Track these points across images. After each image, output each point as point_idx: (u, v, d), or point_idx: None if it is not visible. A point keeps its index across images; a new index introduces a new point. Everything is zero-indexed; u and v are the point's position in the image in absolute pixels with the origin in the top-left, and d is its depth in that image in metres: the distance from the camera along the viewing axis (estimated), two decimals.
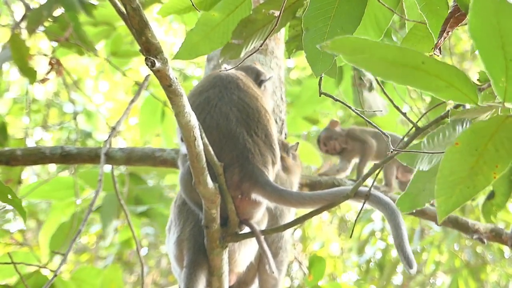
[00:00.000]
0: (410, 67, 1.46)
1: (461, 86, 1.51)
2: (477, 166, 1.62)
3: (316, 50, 2.08)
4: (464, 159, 1.62)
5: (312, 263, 3.91)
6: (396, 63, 1.45)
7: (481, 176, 1.63)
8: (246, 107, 2.55)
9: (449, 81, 1.50)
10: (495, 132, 1.60)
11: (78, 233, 2.97)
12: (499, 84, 1.50)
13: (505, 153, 1.61)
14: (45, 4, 4.52)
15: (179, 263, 2.55)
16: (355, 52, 1.43)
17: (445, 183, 1.64)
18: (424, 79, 1.49)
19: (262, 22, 2.48)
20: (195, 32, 2.58)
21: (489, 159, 1.62)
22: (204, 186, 2.31)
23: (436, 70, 1.47)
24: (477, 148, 1.61)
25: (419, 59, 1.44)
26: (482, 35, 1.43)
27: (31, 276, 3.64)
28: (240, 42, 2.53)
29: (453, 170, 1.63)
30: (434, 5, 1.99)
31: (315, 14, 2.08)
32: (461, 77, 1.49)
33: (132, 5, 1.72)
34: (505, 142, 1.61)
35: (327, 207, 2.37)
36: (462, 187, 1.64)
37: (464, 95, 1.53)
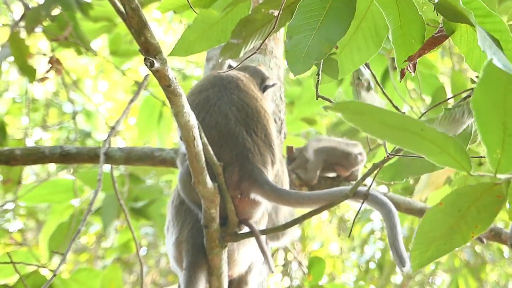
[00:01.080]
0: (408, 132, 1.49)
1: (455, 154, 1.55)
2: (457, 226, 1.66)
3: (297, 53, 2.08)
4: (446, 219, 1.66)
5: (311, 263, 3.92)
6: (395, 128, 1.49)
7: (459, 236, 1.67)
8: (246, 106, 2.56)
9: (444, 149, 1.53)
10: (480, 197, 1.63)
11: (78, 233, 2.97)
12: (493, 155, 1.54)
13: (487, 215, 1.65)
14: (44, 4, 4.52)
15: (178, 264, 2.55)
16: (356, 114, 1.47)
17: (423, 238, 1.68)
18: (420, 143, 1.52)
19: (261, 22, 2.48)
20: (192, 30, 2.57)
21: (470, 220, 1.65)
22: (204, 186, 2.31)
23: (433, 137, 1.51)
24: (460, 210, 1.64)
25: (418, 126, 1.48)
26: (485, 107, 1.46)
27: (30, 276, 3.64)
28: (239, 42, 2.52)
29: (433, 228, 1.67)
30: (409, 37, 1.99)
31: (300, 24, 2.07)
32: (456, 147, 1.53)
33: (131, 5, 1.72)
34: (488, 206, 1.64)
35: (326, 207, 2.37)
36: (438, 244, 1.68)
37: (457, 162, 1.57)
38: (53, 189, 4.64)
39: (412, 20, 1.96)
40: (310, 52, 2.06)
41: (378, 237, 8.07)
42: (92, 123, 7.30)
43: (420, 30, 1.98)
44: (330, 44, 2.06)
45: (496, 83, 1.41)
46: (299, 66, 2.08)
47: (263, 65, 3.47)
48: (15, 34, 4.48)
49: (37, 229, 8.40)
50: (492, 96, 1.43)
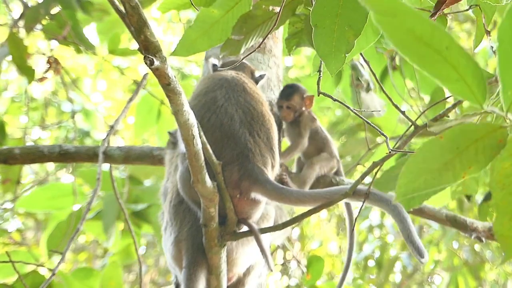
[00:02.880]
0: (432, 49, 1.41)
1: (472, 83, 1.47)
2: (451, 163, 1.62)
3: (327, 48, 2.09)
4: (442, 153, 1.61)
5: (310, 262, 3.92)
6: (421, 40, 1.39)
7: (451, 173, 1.63)
8: (252, 109, 2.59)
9: (463, 75, 1.45)
10: (482, 137, 1.60)
11: (76, 232, 2.97)
12: (507, 93, 1.48)
13: (483, 158, 1.61)
14: (43, 2, 4.52)
15: (177, 263, 2.55)
16: (388, 13, 1.37)
17: (413, 167, 1.63)
18: (440, 65, 1.44)
19: (262, 18, 2.48)
20: (194, 29, 2.58)
21: (466, 159, 1.61)
22: (203, 185, 2.30)
23: (455, 60, 1.42)
24: (458, 147, 1.60)
25: (445, 43, 1.39)
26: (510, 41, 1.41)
27: (29, 275, 3.64)
28: (240, 38, 2.53)
29: (427, 159, 1.62)
30: None
31: (322, 12, 2.08)
32: (476, 75, 1.45)
33: (131, 3, 1.72)
34: (487, 149, 1.61)
35: (325, 206, 2.37)
36: (427, 177, 1.63)
37: (472, 93, 1.50)
38: (53, 193, 4.61)
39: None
40: (338, 45, 2.07)
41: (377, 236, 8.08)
42: (91, 122, 7.30)
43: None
44: (355, 32, 2.07)
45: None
46: (333, 62, 2.09)
47: (262, 64, 3.46)
48: (13, 33, 4.47)
49: (36, 229, 8.40)
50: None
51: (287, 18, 2.48)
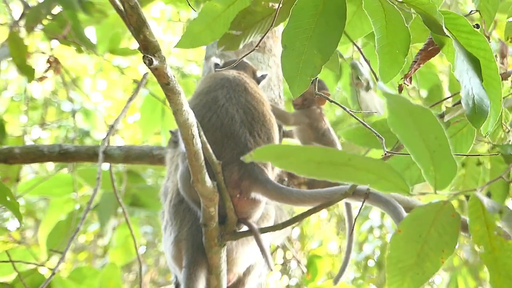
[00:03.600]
0: (339, 165, 1.48)
1: (391, 177, 1.55)
2: (423, 252, 1.66)
3: (293, 69, 2.08)
4: (410, 246, 1.66)
5: (310, 261, 3.92)
6: (324, 163, 1.47)
7: (429, 263, 1.67)
8: (253, 110, 2.59)
9: (379, 174, 1.53)
10: (435, 219, 1.64)
11: (76, 232, 2.97)
12: (428, 173, 1.55)
13: (449, 238, 1.65)
14: (44, 2, 4.52)
15: (177, 262, 2.55)
16: (281, 158, 1.46)
17: (394, 270, 1.68)
18: (355, 174, 1.52)
19: (261, 14, 2.48)
20: (197, 22, 2.59)
21: (434, 245, 1.66)
22: (203, 184, 2.30)
23: (364, 165, 1.51)
24: (420, 235, 1.65)
25: (345, 157, 1.48)
26: (403, 131, 1.48)
27: (29, 275, 3.64)
28: (238, 34, 2.53)
29: (400, 258, 1.67)
30: (394, 47, 1.99)
31: (293, 33, 2.07)
32: (389, 169, 1.54)
33: (130, 3, 1.72)
34: (447, 227, 1.65)
35: (325, 205, 2.37)
36: (412, 274, 1.68)
37: (395, 185, 1.57)
38: (53, 183, 4.63)
39: (398, 31, 1.97)
40: (304, 67, 2.07)
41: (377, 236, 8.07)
42: (90, 122, 7.30)
43: (405, 42, 1.99)
44: (323, 56, 2.06)
45: (399, 110, 1.43)
46: (297, 85, 2.08)
47: (262, 63, 3.46)
48: (13, 33, 4.47)
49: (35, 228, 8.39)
50: (403, 121, 1.45)
51: (287, 16, 2.47)
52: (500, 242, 1.69)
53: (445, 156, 1.51)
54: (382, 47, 2.00)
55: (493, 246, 1.69)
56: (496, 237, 1.68)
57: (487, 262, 1.71)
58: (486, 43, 1.98)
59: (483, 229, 1.68)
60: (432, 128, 1.45)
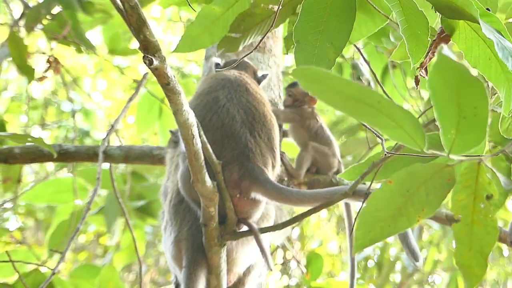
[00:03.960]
0: (366, 104, 1.47)
1: (410, 130, 1.53)
2: (404, 207, 1.65)
3: (307, 63, 2.09)
4: (394, 198, 1.64)
5: (310, 261, 3.91)
6: (352, 98, 1.46)
7: (405, 218, 1.65)
8: (254, 110, 2.60)
9: (400, 124, 1.51)
10: (430, 178, 1.62)
11: (76, 231, 2.97)
12: (447, 135, 1.52)
13: (435, 198, 1.64)
14: (43, 2, 4.52)
15: (177, 262, 2.55)
16: (314, 82, 1.44)
17: (368, 217, 1.67)
18: (376, 116, 1.50)
19: (260, 17, 2.48)
20: (195, 25, 2.58)
21: (418, 202, 1.64)
22: (202, 184, 2.30)
23: (390, 111, 1.49)
24: (408, 190, 1.63)
25: (376, 98, 1.45)
26: (440, 90, 1.45)
27: (30, 275, 3.64)
28: (238, 36, 2.53)
29: (380, 207, 1.65)
30: (416, 29, 1.99)
31: (305, 27, 2.08)
32: (412, 122, 1.51)
33: (130, 3, 1.72)
34: (438, 188, 1.63)
35: (325, 206, 2.37)
36: (383, 225, 1.66)
37: (412, 139, 1.55)
38: (57, 188, 4.61)
39: (414, 14, 1.97)
40: (318, 61, 2.08)
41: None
42: (90, 122, 7.29)
43: (424, 23, 1.99)
44: (336, 49, 2.07)
45: (449, 71, 1.39)
46: None
47: (262, 64, 3.46)
48: (13, 33, 4.47)
49: (36, 228, 8.39)
50: (447, 82, 1.42)
51: (287, 17, 2.48)
52: (484, 216, 1.68)
53: (476, 126, 1.47)
54: (405, 30, 2.00)
55: (474, 219, 1.68)
56: (480, 210, 1.67)
57: (459, 234, 1.69)
58: (500, 23, 1.97)
59: (469, 199, 1.67)
60: (476, 97, 1.42)
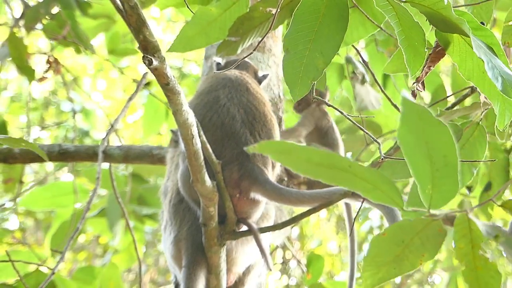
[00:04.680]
0: (337, 169, 1.50)
1: (386, 189, 1.56)
2: (403, 254, 1.70)
3: (295, 73, 2.09)
4: (390, 247, 1.69)
5: (310, 261, 3.92)
6: (323, 165, 1.49)
7: (407, 262, 1.71)
8: (254, 110, 2.59)
9: (375, 185, 1.55)
10: (420, 230, 1.67)
11: (76, 231, 2.97)
12: (425, 191, 1.55)
13: (431, 246, 1.69)
14: (43, 2, 4.51)
15: (177, 262, 2.55)
16: (282, 154, 1.48)
17: (372, 262, 1.71)
18: (351, 180, 1.53)
19: (259, 20, 2.48)
20: (191, 26, 2.58)
21: (415, 249, 1.69)
22: (202, 184, 2.30)
23: (362, 174, 1.52)
24: (403, 241, 1.68)
25: (346, 163, 1.49)
26: (410, 143, 1.47)
27: (32, 275, 3.63)
28: (237, 39, 2.53)
29: (380, 254, 1.70)
30: (413, 40, 2.00)
31: (295, 36, 2.07)
32: (386, 182, 1.55)
33: (130, 3, 1.72)
34: (431, 238, 1.68)
35: (325, 205, 2.37)
36: (388, 268, 1.71)
37: (390, 198, 1.58)
38: (56, 192, 4.59)
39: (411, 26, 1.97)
40: (306, 71, 2.07)
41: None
42: (90, 122, 7.29)
43: (420, 34, 1.99)
44: (325, 59, 2.07)
45: (415, 118, 1.41)
46: (298, 88, 2.09)
47: (261, 63, 3.46)
48: (13, 33, 4.47)
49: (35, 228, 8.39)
50: (414, 131, 1.44)
51: (285, 19, 2.48)
52: (484, 262, 1.73)
53: (448, 177, 1.50)
54: (403, 41, 2.01)
55: (476, 264, 1.73)
56: (480, 257, 1.72)
57: (468, 278, 1.74)
58: (493, 37, 1.98)
59: (468, 248, 1.73)
60: (444, 145, 1.44)
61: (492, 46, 1.99)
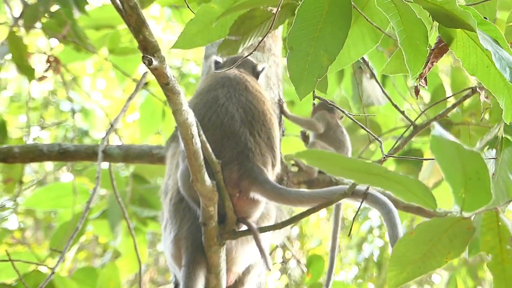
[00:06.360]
0: (373, 174, 1.61)
1: (419, 192, 1.65)
2: (430, 252, 1.73)
3: (299, 70, 2.09)
4: (418, 246, 1.73)
5: (310, 261, 3.92)
6: (359, 171, 1.61)
7: (433, 260, 1.74)
8: (253, 108, 2.59)
9: (409, 188, 1.64)
10: (450, 227, 1.70)
11: (76, 231, 2.96)
12: (458, 194, 1.62)
13: (459, 243, 1.72)
14: (42, 1, 4.51)
15: (176, 261, 2.55)
16: (321, 160, 1.61)
17: (397, 261, 1.75)
18: (386, 183, 1.64)
19: (260, 19, 2.48)
20: (194, 23, 2.58)
21: (442, 247, 1.72)
22: (202, 184, 2.30)
23: (397, 179, 1.62)
24: (431, 239, 1.72)
25: (382, 170, 1.60)
26: (445, 156, 1.56)
27: (32, 275, 3.63)
28: (238, 39, 2.53)
29: (406, 253, 1.74)
30: (414, 38, 2.00)
31: (299, 34, 2.07)
32: (420, 187, 1.64)
33: (130, 3, 1.72)
34: (459, 236, 1.71)
35: (324, 205, 2.37)
36: (413, 267, 1.75)
37: (423, 200, 1.67)
38: (58, 193, 4.58)
39: (413, 23, 1.97)
40: (311, 68, 2.07)
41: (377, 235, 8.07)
42: (89, 122, 7.29)
43: (423, 32, 1.99)
44: (329, 56, 2.06)
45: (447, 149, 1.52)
46: (303, 86, 2.08)
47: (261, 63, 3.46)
48: (13, 32, 4.46)
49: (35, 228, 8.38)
50: (447, 151, 1.53)
51: (285, 18, 2.47)
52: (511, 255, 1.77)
53: (481, 187, 1.58)
54: (404, 41, 2.01)
55: (503, 258, 1.77)
56: (508, 251, 1.76)
57: (494, 271, 1.78)
58: (498, 32, 1.98)
59: (495, 241, 1.76)
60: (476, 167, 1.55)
61: (497, 40, 1.99)
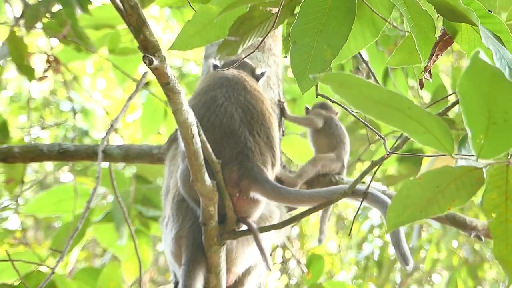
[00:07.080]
0: (395, 109, 1.50)
1: (439, 135, 1.57)
2: (434, 198, 1.70)
3: (302, 64, 2.09)
4: (423, 192, 1.69)
5: (310, 261, 3.91)
6: (382, 103, 1.49)
7: (436, 206, 1.70)
8: (252, 108, 2.59)
9: (428, 128, 1.55)
10: (459, 176, 1.66)
11: (76, 231, 2.96)
12: (476, 140, 1.55)
13: (465, 193, 1.68)
14: (43, 1, 4.51)
15: (177, 259, 2.55)
16: (343, 87, 1.47)
17: (399, 202, 1.72)
18: (405, 121, 1.53)
19: (259, 19, 2.48)
20: (192, 24, 2.58)
21: (448, 195, 1.69)
22: (202, 184, 2.30)
23: (419, 117, 1.52)
24: (438, 186, 1.68)
25: (406, 104, 1.49)
26: (471, 95, 1.46)
27: (33, 275, 3.62)
28: (237, 39, 2.53)
29: (410, 196, 1.70)
30: (423, 27, 2.00)
31: (302, 28, 2.07)
32: (441, 128, 1.55)
33: (130, 3, 1.72)
34: (467, 186, 1.67)
35: (324, 205, 2.37)
36: (414, 210, 1.72)
37: (441, 143, 1.59)
38: (59, 197, 4.56)
39: (419, 13, 1.97)
40: (314, 63, 2.07)
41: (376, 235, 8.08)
42: (89, 122, 7.29)
43: (430, 21, 1.99)
44: (333, 51, 2.07)
45: (482, 75, 1.40)
46: (305, 81, 2.08)
47: (261, 63, 3.46)
48: (13, 33, 4.46)
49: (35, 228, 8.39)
50: (478, 86, 1.43)
51: (285, 18, 2.47)
52: None
53: (506, 131, 1.49)
54: (413, 28, 2.01)
55: (507, 217, 1.71)
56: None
57: (495, 230, 1.73)
58: (502, 24, 1.98)
59: (500, 199, 1.70)
60: (509, 102, 1.43)
61: (501, 33, 1.99)
